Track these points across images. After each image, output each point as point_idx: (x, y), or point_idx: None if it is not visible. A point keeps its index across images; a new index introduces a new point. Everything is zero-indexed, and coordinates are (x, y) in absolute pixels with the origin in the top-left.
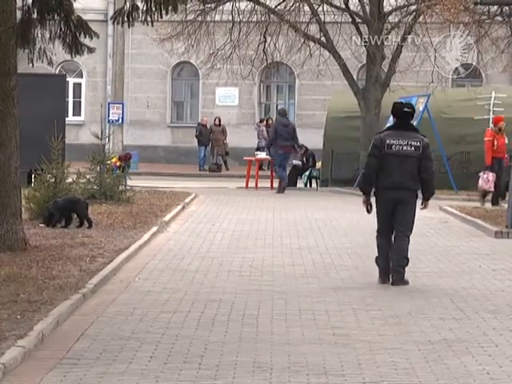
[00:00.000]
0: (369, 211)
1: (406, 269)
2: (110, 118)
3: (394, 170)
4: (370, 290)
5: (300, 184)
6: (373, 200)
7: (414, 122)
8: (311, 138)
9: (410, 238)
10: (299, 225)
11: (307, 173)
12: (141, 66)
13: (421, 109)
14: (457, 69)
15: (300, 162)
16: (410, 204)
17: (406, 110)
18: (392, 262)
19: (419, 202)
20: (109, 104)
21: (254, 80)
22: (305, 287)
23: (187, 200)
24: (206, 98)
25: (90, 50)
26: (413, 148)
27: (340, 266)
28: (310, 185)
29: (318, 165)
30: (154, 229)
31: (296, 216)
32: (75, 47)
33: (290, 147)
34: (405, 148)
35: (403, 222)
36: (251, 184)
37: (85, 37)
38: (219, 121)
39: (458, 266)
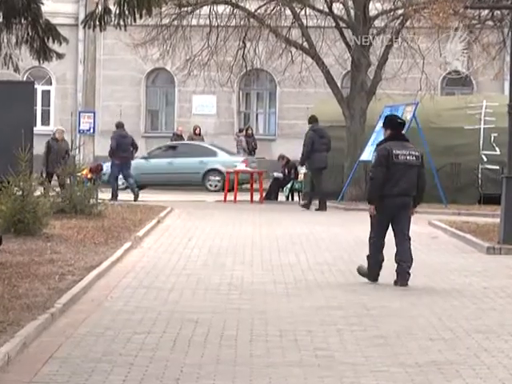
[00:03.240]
0: (373, 214)
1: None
2: (81, 127)
3: (401, 178)
4: (355, 308)
5: (281, 197)
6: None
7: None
8: (293, 149)
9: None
10: (280, 240)
11: (289, 185)
12: (113, 72)
13: (408, 118)
14: (446, 76)
15: (281, 174)
16: (409, 209)
17: (400, 121)
18: (402, 265)
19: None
20: (79, 113)
21: (232, 87)
22: (286, 306)
23: (162, 214)
24: (182, 106)
25: (60, 56)
26: (414, 158)
27: (323, 283)
28: (292, 198)
29: (300, 177)
30: (127, 245)
31: (277, 231)
32: (43, 53)
33: (128, 157)
34: (409, 158)
35: (406, 226)
36: (230, 197)
37: (53, 42)
38: (199, 130)
39: (448, 284)
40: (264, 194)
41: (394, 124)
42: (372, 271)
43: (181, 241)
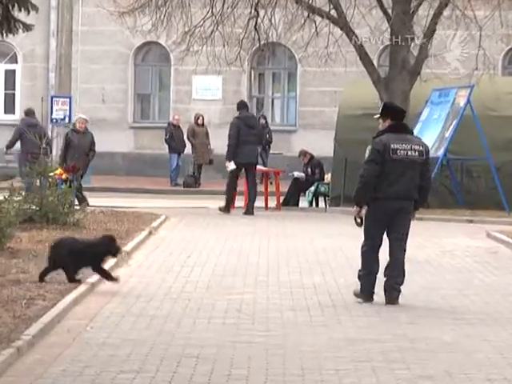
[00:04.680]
0: (360, 225)
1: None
2: (54, 116)
3: (398, 178)
4: (396, 341)
5: (303, 202)
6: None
7: (454, 122)
8: (317, 143)
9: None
10: (302, 256)
11: (313, 188)
12: (94, 47)
13: (461, 104)
14: (509, 52)
15: (303, 174)
16: (409, 214)
17: (399, 109)
18: (389, 278)
19: None
20: (52, 98)
21: (242, 66)
22: (309, 339)
23: (155, 224)
24: (179, 89)
25: (27, 28)
26: (417, 153)
27: (355, 310)
28: (317, 204)
29: (327, 178)
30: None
31: (298, 245)
32: (7, 23)
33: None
34: (409, 153)
35: (403, 234)
36: (239, 203)
37: (20, 10)
38: (202, 119)
39: None
40: (282, 199)
41: (394, 112)
42: (363, 287)
43: (178, 257)
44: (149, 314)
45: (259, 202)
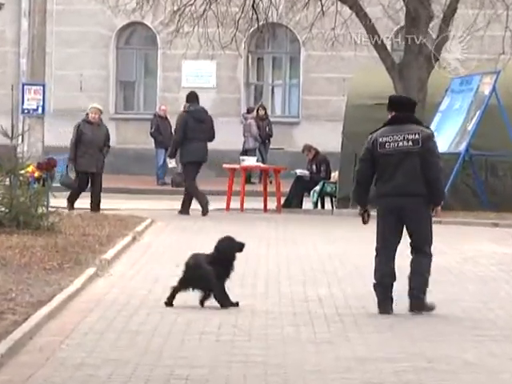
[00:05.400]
0: (365, 222)
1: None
2: (26, 106)
3: (392, 173)
4: (412, 360)
5: (307, 204)
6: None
7: (477, 112)
8: (323, 137)
9: (432, 255)
10: (305, 264)
11: (318, 188)
12: (71, 29)
13: (486, 92)
14: None
15: (307, 172)
16: (420, 212)
17: (405, 100)
18: (410, 288)
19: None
20: (23, 86)
21: (238, 50)
22: (314, 358)
23: (139, 228)
24: (167, 76)
25: None
26: (410, 142)
27: (366, 325)
28: (323, 205)
29: (334, 176)
30: (90, 271)
31: (301, 251)
32: None
33: None
34: (401, 144)
35: (417, 237)
36: (234, 204)
37: None
38: None
39: None
40: (283, 200)
41: (398, 104)
42: (378, 299)
43: (166, 266)
44: (132, 329)
45: (257, 204)
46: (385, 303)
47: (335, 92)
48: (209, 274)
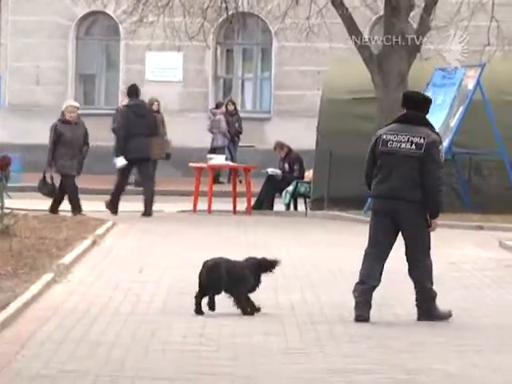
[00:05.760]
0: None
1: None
2: None
3: (389, 174)
4: (390, 372)
5: (280, 205)
6: None
7: (461, 108)
8: (297, 134)
9: (431, 263)
10: (277, 269)
11: (290, 188)
12: (27, 18)
13: (470, 87)
14: None
15: (279, 171)
16: (415, 219)
17: (419, 98)
18: (415, 297)
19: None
20: None
21: (206, 41)
22: (285, 369)
23: (100, 231)
24: (130, 69)
25: None
26: (413, 146)
27: (341, 335)
28: (295, 206)
29: (308, 175)
30: (48, 276)
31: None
32: None
33: None
34: (403, 146)
35: (415, 248)
36: (201, 205)
37: None
38: (158, 105)
39: None
40: (253, 201)
41: (410, 101)
42: (356, 300)
43: (128, 271)
44: (92, 339)
45: (226, 205)
46: (362, 306)
47: (309, 86)
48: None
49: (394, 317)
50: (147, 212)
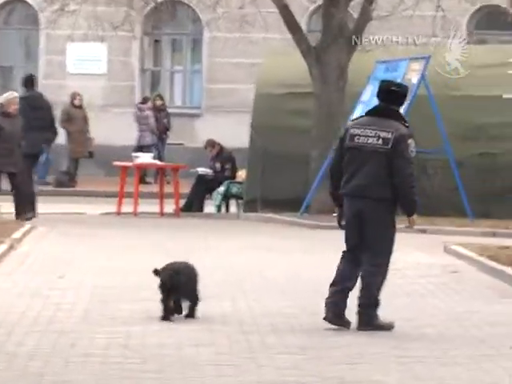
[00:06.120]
0: (341, 226)
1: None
2: None
3: (356, 171)
4: (324, 382)
5: (210, 207)
6: None
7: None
8: (229, 130)
9: (387, 268)
10: (207, 277)
11: (222, 188)
12: None
13: (414, 81)
14: (476, 14)
15: (210, 171)
16: (379, 219)
17: (392, 88)
18: (357, 301)
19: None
20: None
21: (133, 31)
22: (215, 382)
23: (17, 235)
24: (50, 60)
25: None
26: (380, 141)
27: (275, 346)
28: (227, 208)
29: (241, 175)
30: None
31: (203, 262)
32: None
33: None
34: (370, 141)
35: (370, 247)
36: (127, 207)
37: None
38: (80, 100)
39: (476, 347)
40: (182, 203)
41: (382, 92)
42: (326, 301)
43: (47, 277)
44: (8, 350)
45: (153, 207)
46: (333, 309)
47: (243, 79)
48: None
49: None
50: (20, 214)
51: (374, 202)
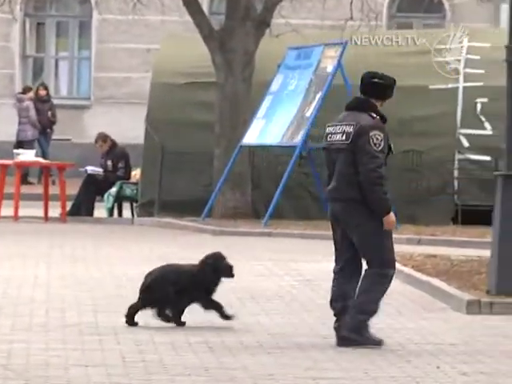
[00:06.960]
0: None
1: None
2: None
3: (331, 173)
4: None
5: (101, 210)
6: None
7: (318, 94)
8: (122, 124)
9: (383, 274)
10: (98, 290)
11: (114, 189)
12: None
13: (329, 69)
14: None
15: (101, 170)
16: (356, 221)
17: (375, 80)
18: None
19: None
20: None
21: (13, 13)
22: None
23: None
24: None
25: None
26: (344, 136)
27: (173, 366)
28: (120, 212)
29: (135, 175)
30: None
31: (92, 273)
32: None
33: None
34: (337, 137)
35: (362, 254)
36: (6, 211)
37: None
38: None
39: (400, 368)
40: (69, 206)
41: (361, 84)
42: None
43: None
44: None
45: (36, 210)
46: (339, 328)
47: (137, 67)
48: None
49: (239, 343)
50: None
51: (344, 204)
